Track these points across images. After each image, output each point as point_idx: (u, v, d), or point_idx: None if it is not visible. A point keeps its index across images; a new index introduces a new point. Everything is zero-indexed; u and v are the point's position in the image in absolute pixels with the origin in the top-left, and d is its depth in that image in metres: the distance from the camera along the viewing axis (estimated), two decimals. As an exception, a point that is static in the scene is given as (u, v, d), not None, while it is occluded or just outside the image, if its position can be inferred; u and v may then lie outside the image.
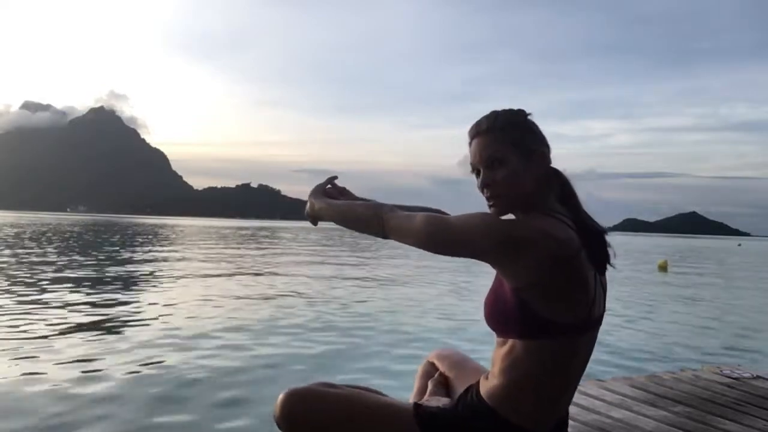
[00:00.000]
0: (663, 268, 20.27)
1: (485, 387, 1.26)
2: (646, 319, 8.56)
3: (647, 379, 3.20)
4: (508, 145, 1.24)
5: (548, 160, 1.28)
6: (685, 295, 12.30)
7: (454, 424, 1.26)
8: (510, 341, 1.22)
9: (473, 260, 1.23)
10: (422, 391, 1.59)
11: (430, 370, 1.64)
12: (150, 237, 33.02)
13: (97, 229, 43.32)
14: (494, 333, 1.28)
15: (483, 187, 1.27)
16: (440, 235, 1.21)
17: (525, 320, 1.18)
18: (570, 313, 1.18)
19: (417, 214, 1.27)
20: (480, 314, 1.31)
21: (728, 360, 5.72)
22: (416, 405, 1.31)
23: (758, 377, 3.31)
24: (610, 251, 1.27)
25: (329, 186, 1.52)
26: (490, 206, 1.27)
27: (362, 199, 1.48)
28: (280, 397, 1.28)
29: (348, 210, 1.38)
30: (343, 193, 1.53)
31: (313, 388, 1.30)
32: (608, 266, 1.27)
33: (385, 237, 1.31)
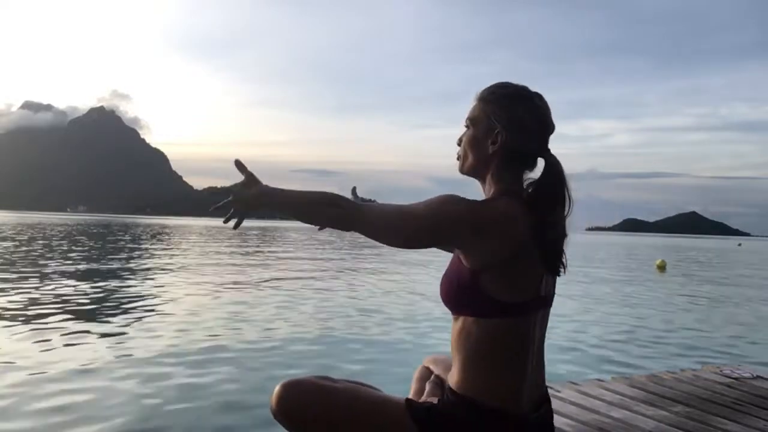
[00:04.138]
0: (661, 268, 20.31)
1: (452, 379, 1.29)
2: (645, 319, 8.55)
3: (647, 378, 3.20)
4: (482, 114, 1.34)
5: (510, 143, 1.30)
6: (685, 295, 12.29)
7: (442, 417, 1.28)
8: (464, 320, 1.26)
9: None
10: (419, 393, 1.60)
11: (426, 373, 1.65)
12: (151, 237, 33.03)
13: (98, 230, 43.31)
14: (450, 311, 1.32)
15: (457, 143, 1.40)
16: (412, 226, 1.21)
17: (480, 300, 1.22)
18: (520, 292, 1.23)
19: (386, 204, 1.26)
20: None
21: (728, 360, 5.73)
22: (408, 400, 1.32)
23: (758, 377, 3.31)
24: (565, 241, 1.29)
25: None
26: (457, 159, 1.39)
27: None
28: (276, 388, 1.29)
29: (302, 197, 1.28)
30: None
31: (308, 380, 1.31)
32: (560, 252, 1.28)
33: (347, 228, 1.27)
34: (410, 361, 5.17)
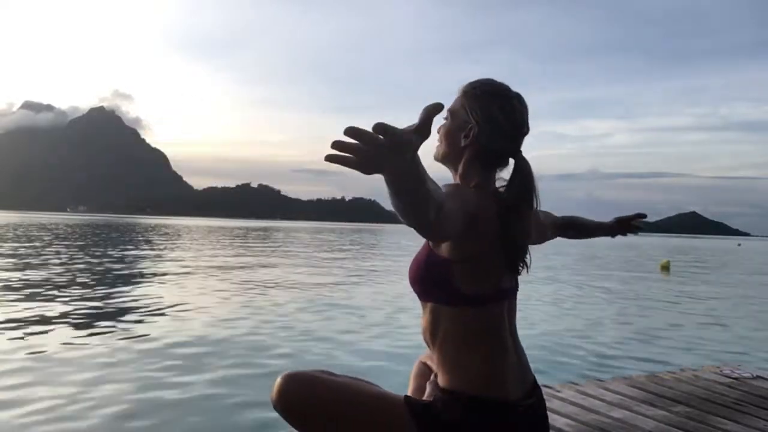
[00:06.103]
0: (665, 268, 20.15)
1: (439, 375, 1.32)
2: (646, 319, 8.56)
3: (647, 378, 3.21)
4: (461, 107, 1.36)
5: (481, 139, 1.31)
6: (685, 295, 12.29)
7: (438, 415, 1.29)
8: (433, 307, 1.30)
9: None
10: (418, 390, 1.59)
11: (425, 370, 1.65)
12: (152, 237, 33.02)
13: (98, 231, 43.31)
14: (418, 297, 1.35)
15: (437, 131, 1.40)
16: (447, 224, 1.11)
17: (449, 289, 1.25)
18: (485, 286, 1.26)
19: (442, 202, 1.06)
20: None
21: (728, 360, 5.72)
22: (406, 397, 1.33)
23: (758, 377, 3.31)
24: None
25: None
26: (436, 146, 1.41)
27: None
28: (278, 380, 1.31)
29: (432, 186, 0.97)
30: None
31: (310, 373, 1.33)
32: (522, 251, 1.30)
33: (429, 228, 1.03)
34: (410, 358, 5.18)
